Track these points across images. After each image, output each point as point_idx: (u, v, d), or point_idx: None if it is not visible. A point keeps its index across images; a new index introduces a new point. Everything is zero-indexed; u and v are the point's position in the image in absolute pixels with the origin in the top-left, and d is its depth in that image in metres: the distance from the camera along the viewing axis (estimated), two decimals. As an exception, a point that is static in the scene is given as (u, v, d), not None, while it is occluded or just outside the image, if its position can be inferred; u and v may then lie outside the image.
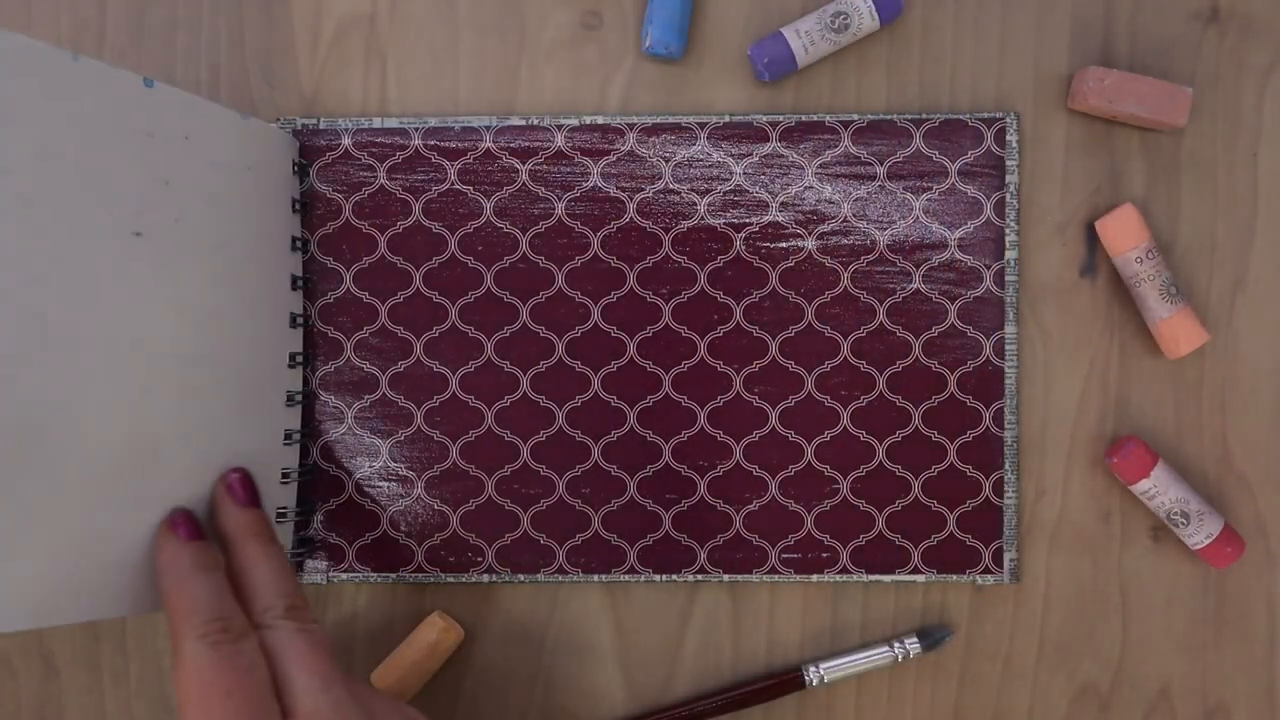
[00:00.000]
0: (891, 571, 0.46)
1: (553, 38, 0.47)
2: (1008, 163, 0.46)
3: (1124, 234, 0.45)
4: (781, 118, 0.46)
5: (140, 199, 0.38)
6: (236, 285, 0.42)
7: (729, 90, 0.47)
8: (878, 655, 0.46)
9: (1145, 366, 0.47)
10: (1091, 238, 0.47)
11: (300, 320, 0.46)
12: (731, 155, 0.46)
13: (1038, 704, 0.47)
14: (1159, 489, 0.45)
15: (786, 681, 0.46)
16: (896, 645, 0.46)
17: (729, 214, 0.46)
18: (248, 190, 0.43)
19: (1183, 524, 0.45)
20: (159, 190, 0.39)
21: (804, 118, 0.46)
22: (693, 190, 0.46)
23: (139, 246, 0.38)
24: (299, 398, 0.46)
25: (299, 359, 0.46)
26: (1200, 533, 0.45)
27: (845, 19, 0.45)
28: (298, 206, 0.46)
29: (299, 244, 0.46)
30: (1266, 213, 0.47)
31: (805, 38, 0.45)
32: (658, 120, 0.46)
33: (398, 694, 0.46)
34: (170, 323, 0.39)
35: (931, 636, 0.46)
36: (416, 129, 0.47)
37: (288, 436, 0.45)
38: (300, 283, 0.46)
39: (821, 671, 0.46)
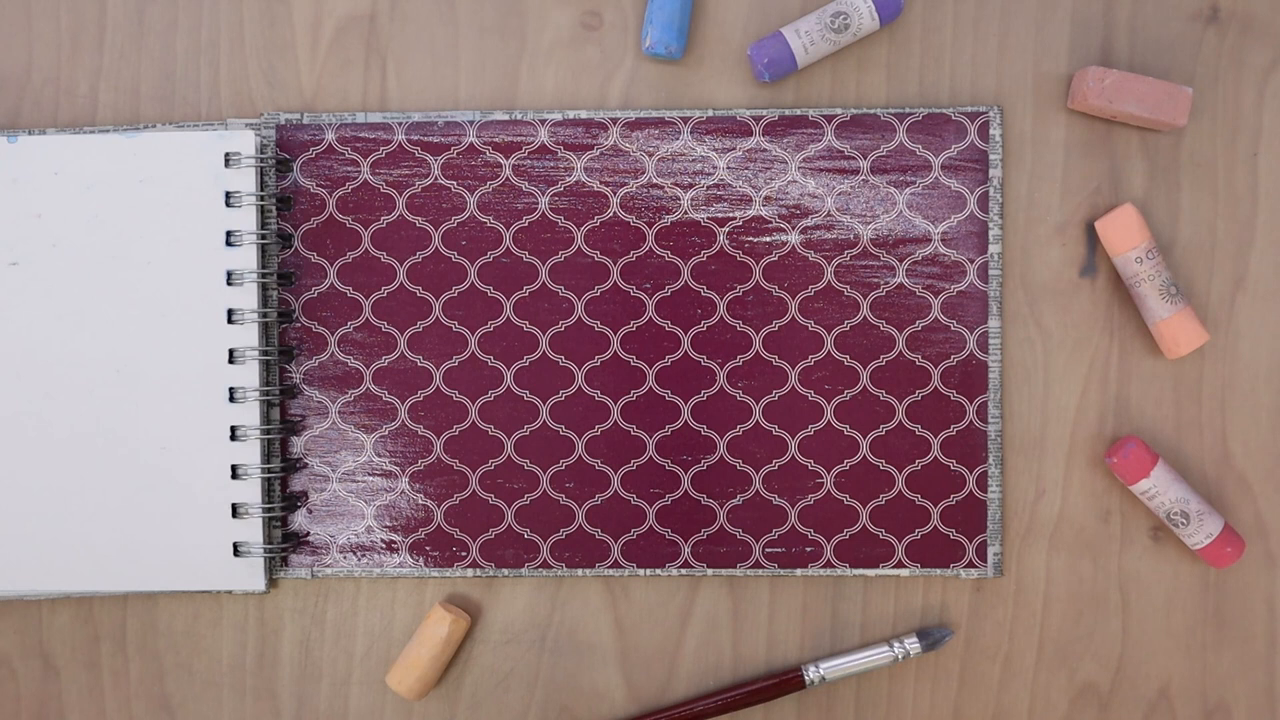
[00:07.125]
0: (875, 566, 0.46)
1: (553, 38, 0.47)
2: (991, 156, 0.46)
3: (1124, 234, 0.45)
4: (765, 112, 0.46)
5: (11, 234, 0.46)
6: (149, 289, 0.46)
7: (729, 90, 0.47)
8: (878, 655, 0.46)
9: (1145, 366, 0.47)
10: (1091, 238, 0.47)
11: (253, 317, 0.46)
12: (715, 150, 0.46)
13: (1038, 704, 0.47)
14: (1159, 489, 0.45)
15: (786, 681, 0.46)
16: (896, 645, 0.46)
17: (712, 208, 0.46)
18: (138, 202, 0.46)
19: (1183, 524, 0.45)
20: (29, 223, 0.46)
21: (787, 112, 0.46)
22: (676, 185, 0.46)
23: (15, 275, 0.46)
24: (245, 394, 0.46)
25: (248, 355, 0.46)
26: (1200, 533, 0.45)
27: (845, 19, 0.45)
28: (268, 203, 0.46)
29: (263, 238, 0.46)
30: (1266, 213, 0.47)
31: (805, 38, 0.45)
32: (641, 115, 0.46)
33: (419, 692, 0.46)
34: (80, 337, 0.46)
35: (931, 636, 0.46)
36: (400, 124, 0.47)
37: (233, 432, 0.46)
38: (273, 278, 0.47)
39: (821, 671, 0.46)
